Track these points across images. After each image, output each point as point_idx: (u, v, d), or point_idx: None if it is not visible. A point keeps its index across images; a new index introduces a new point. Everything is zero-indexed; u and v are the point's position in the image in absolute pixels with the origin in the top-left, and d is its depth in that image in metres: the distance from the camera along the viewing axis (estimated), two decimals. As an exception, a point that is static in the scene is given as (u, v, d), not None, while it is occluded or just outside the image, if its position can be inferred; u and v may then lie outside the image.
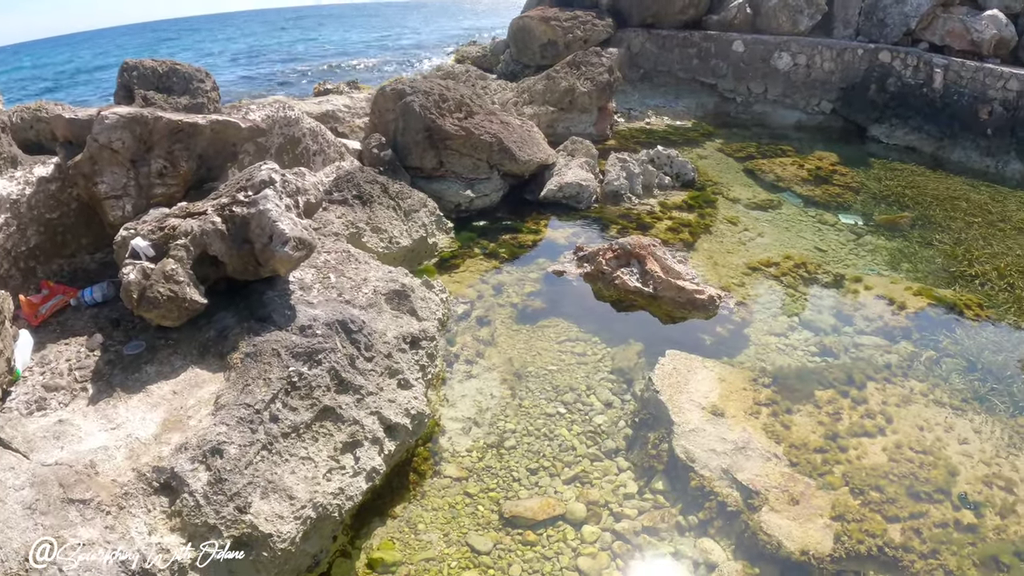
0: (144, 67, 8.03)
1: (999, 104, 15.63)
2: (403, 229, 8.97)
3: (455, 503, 5.42)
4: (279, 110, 8.61)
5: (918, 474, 5.70)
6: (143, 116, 5.95)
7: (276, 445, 4.57)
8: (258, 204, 5.45)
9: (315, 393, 4.95)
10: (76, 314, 5.73)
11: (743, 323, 8.12)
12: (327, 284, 6.35)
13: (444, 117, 10.84)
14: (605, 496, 5.54)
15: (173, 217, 5.58)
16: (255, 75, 34.06)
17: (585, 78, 15.27)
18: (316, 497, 4.50)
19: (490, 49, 25.83)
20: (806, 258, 9.91)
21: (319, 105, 13.65)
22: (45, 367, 5.08)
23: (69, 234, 6.33)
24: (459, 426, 6.30)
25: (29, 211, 5.94)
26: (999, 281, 9.43)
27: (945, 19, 17.59)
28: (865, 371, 7.15)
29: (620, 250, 8.82)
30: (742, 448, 5.80)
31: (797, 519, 5.12)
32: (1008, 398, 6.86)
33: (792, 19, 19.09)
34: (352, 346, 5.51)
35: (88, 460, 4.25)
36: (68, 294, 5.85)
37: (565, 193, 11.45)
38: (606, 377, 7.10)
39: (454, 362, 7.24)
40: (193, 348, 5.38)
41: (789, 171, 13.84)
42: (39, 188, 6.04)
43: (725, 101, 19.61)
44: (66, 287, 5.94)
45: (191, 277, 5.27)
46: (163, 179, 6.20)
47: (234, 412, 4.58)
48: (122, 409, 4.75)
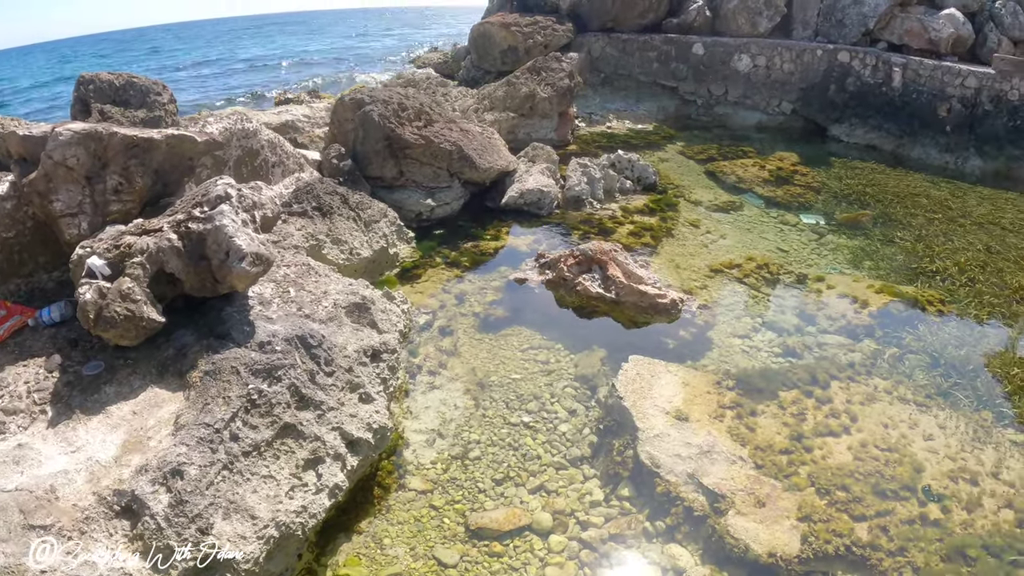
0: (101, 80, 7.92)
1: (958, 101, 15.96)
2: (364, 240, 8.91)
3: (421, 516, 5.38)
4: (237, 122, 8.51)
5: (884, 472, 5.76)
6: (98, 132, 5.85)
7: (237, 464, 4.50)
8: (214, 220, 5.37)
9: (275, 410, 4.89)
10: (34, 335, 5.61)
11: (706, 326, 8.16)
12: (286, 298, 6.28)
13: (404, 126, 10.79)
14: (571, 505, 5.53)
15: (129, 235, 5.49)
16: (214, 86, 33.64)
17: (545, 83, 15.30)
18: (279, 516, 4.44)
19: (451, 55, 25.87)
20: (768, 259, 10.01)
21: (278, 116, 13.55)
22: (3, 390, 4.97)
23: (26, 253, 6.21)
24: (423, 438, 6.25)
25: (-17, 230, 5.80)
26: (960, 276, 9.62)
27: (903, 18, 17.91)
28: (829, 370, 7.23)
29: (582, 256, 8.83)
30: (707, 452, 5.83)
31: (764, 521, 5.15)
32: (971, 392, 6.98)
33: (751, 21, 19.31)
34: (312, 361, 5.45)
35: (48, 485, 4.17)
36: (26, 314, 5.74)
37: (526, 200, 11.45)
38: (570, 384, 7.10)
39: (417, 373, 7.19)
40: (152, 367, 5.29)
41: (750, 172, 13.99)
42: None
43: (686, 104, 19.79)
44: (24, 307, 5.83)
45: (148, 295, 5.18)
46: (119, 196, 6.09)
47: (194, 432, 4.51)
48: (82, 431, 4.67)
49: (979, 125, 15.74)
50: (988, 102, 15.64)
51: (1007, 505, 5.49)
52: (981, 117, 15.73)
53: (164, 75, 33.84)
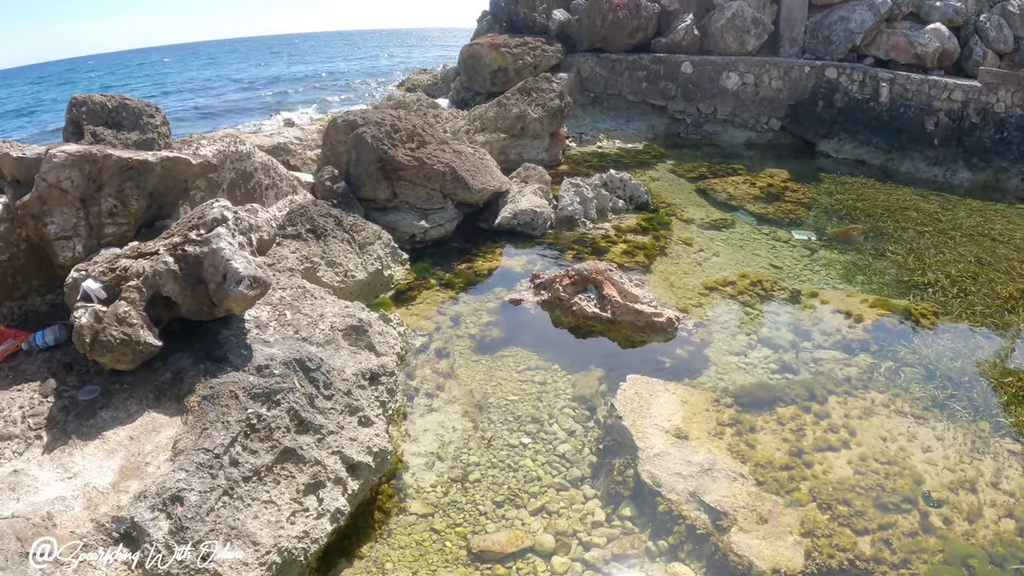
0: (93, 102, 7.91)
1: (945, 115, 16.15)
2: (358, 262, 8.89)
3: (422, 540, 5.33)
4: (230, 144, 8.51)
5: (884, 485, 5.77)
6: (92, 154, 5.84)
7: (237, 490, 4.47)
8: (211, 243, 5.36)
9: (275, 435, 4.86)
10: (28, 359, 5.58)
11: (702, 344, 8.17)
12: (283, 321, 6.26)
13: (396, 147, 10.81)
14: (573, 525, 5.50)
15: (124, 258, 5.48)
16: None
17: (536, 104, 15.38)
18: (280, 542, 4.40)
19: (440, 76, 25.99)
20: (762, 275, 10.04)
21: (270, 138, 13.55)
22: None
23: (19, 276, 6.18)
24: (422, 461, 6.21)
25: (-23, 253, 5.78)
26: (952, 288, 9.69)
27: (889, 34, 18.15)
28: (826, 385, 7.25)
29: (577, 276, 8.84)
30: (708, 470, 5.81)
31: (767, 538, 5.13)
32: (968, 403, 7.01)
33: (739, 39, 19.50)
34: (311, 385, 5.42)
35: (45, 512, 4.14)
36: (19, 338, 5.71)
37: (520, 220, 11.47)
38: (568, 405, 7.08)
39: (414, 396, 7.16)
40: (149, 391, 5.26)
41: (741, 189, 14.07)
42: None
43: (675, 122, 19.93)
44: (17, 331, 5.79)
45: (144, 319, 5.16)
46: (114, 218, 6.08)
47: (193, 457, 4.47)
48: (78, 457, 4.64)
49: (966, 138, 15.92)
50: (975, 115, 15.82)
51: (1008, 514, 5.51)
52: (968, 130, 15.91)
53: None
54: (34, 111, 40.62)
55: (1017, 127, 15.44)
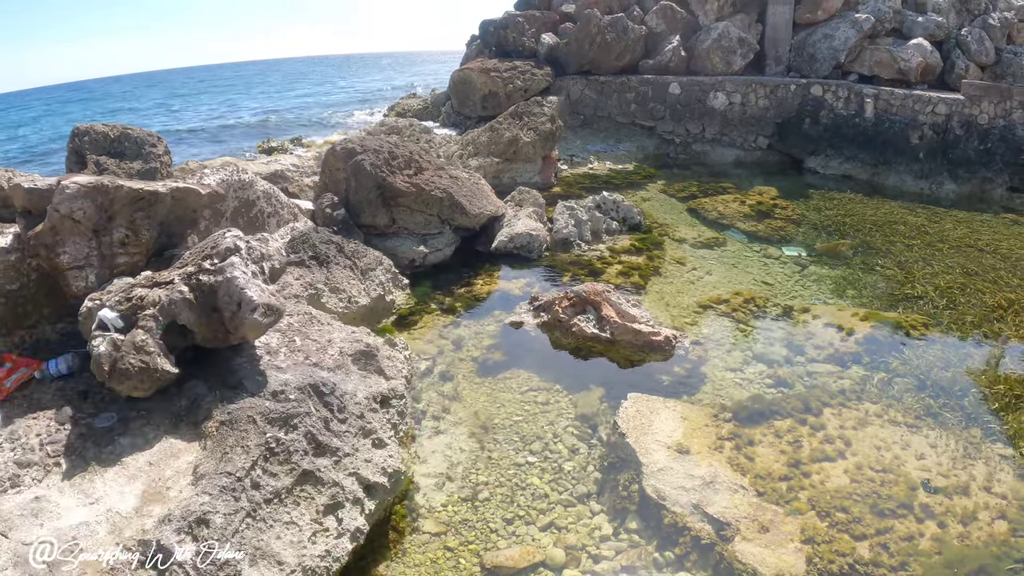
0: (95, 132, 8.05)
1: (929, 128, 16.52)
2: (361, 288, 9.06)
3: (436, 558, 5.47)
4: (233, 173, 8.69)
5: (880, 492, 5.98)
6: (104, 185, 5.95)
7: (260, 512, 4.61)
8: (225, 272, 5.51)
9: (293, 458, 5.00)
10: (42, 387, 5.64)
11: (699, 361, 8.36)
12: (293, 347, 6.41)
13: (395, 174, 11.01)
14: (582, 539, 5.66)
15: (139, 287, 5.63)
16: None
17: (528, 128, 15.63)
18: (304, 560, 4.54)
19: (430, 101, 26.23)
20: (754, 292, 10.26)
21: (267, 165, 13.73)
22: (15, 443, 4.99)
23: (30, 305, 6.25)
24: (432, 482, 6.36)
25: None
26: (941, 299, 9.94)
27: (872, 50, 18.55)
28: (820, 398, 7.45)
29: (575, 298, 9.03)
30: (710, 483, 5.99)
31: (769, 546, 5.31)
32: (959, 411, 7.24)
33: (726, 59, 19.85)
34: (325, 409, 5.57)
35: (71, 536, 4.22)
36: (32, 367, 5.77)
37: (516, 244, 11.67)
38: (571, 424, 7.25)
39: (421, 418, 7.30)
40: (166, 418, 5.37)
41: (731, 208, 14.32)
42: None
43: (665, 143, 20.23)
44: (29, 360, 5.86)
45: (161, 347, 5.29)
46: (126, 248, 6.21)
47: (216, 481, 4.61)
48: (99, 483, 4.73)
49: (951, 150, 16.28)
50: (959, 127, 16.18)
51: (1001, 516, 5.73)
52: (953, 142, 16.28)
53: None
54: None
55: (1000, 138, 15.80)
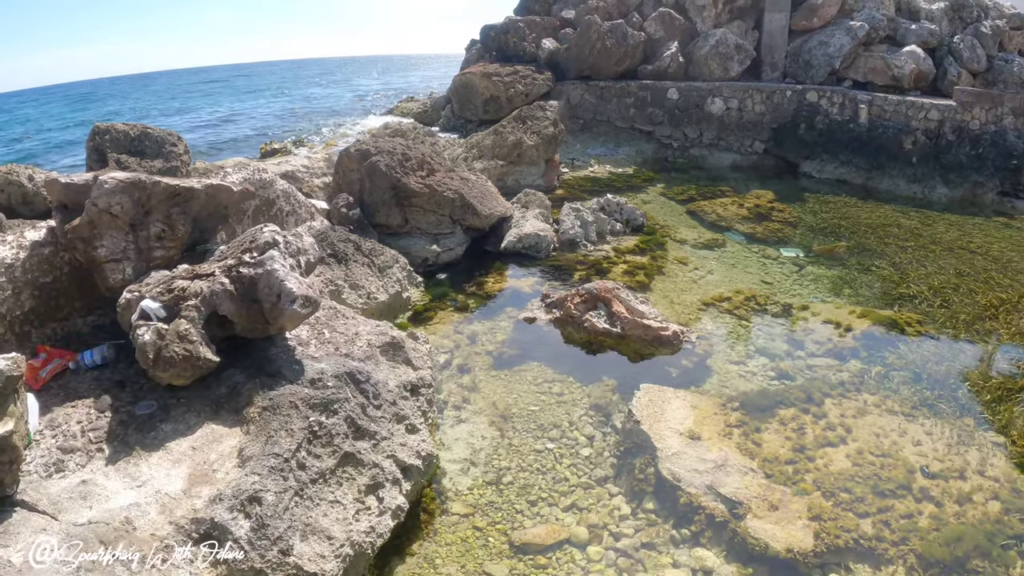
0: (116, 131, 8.21)
1: (922, 133, 16.92)
2: (379, 285, 9.35)
3: (466, 537, 5.76)
4: (255, 172, 8.96)
5: (880, 474, 6.35)
6: (141, 181, 6.16)
7: (307, 491, 4.89)
8: (265, 264, 5.78)
9: (335, 440, 5.29)
10: (76, 377, 5.80)
11: (705, 355, 8.69)
12: (322, 339, 6.70)
13: (408, 175, 11.31)
14: (603, 519, 5.97)
15: (180, 279, 5.86)
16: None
17: (532, 131, 15.95)
18: (352, 536, 4.83)
19: (429, 105, 26.49)
20: (755, 291, 10.61)
21: (279, 166, 13.94)
22: (56, 430, 5.13)
23: (62, 298, 6.40)
24: (458, 467, 6.66)
25: (23, 275, 6.02)
26: (935, 299, 10.30)
27: (867, 57, 18.94)
28: (821, 389, 7.81)
29: (587, 295, 9.35)
30: (721, 466, 6.33)
31: (779, 522, 5.66)
32: (954, 402, 7.62)
33: (723, 65, 20.21)
34: (362, 395, 5.87)
35: (123, 517, 4.38)
36: (66, 357, 5.92)
37: (525, 244, 11.99)
38: (586, 413, 7.55)
39: (443, 408, 7.59)
40: (206, 405, 5.59)
41: (730, 211, 14.67)
42: (32, 252, 6.13)
43: (663, 147, 20.56)
44: (63, 351, 6.01)
45: (203, 336, 5.52)
46: (162, 242, 6.42)
47: (264, 462, 4.88)
48: (144, 467, 4.90)
49: (944, 155, 16.68)
50: (951, 132, 16.57)
51: (994, 497, 6.09)
52: (945, 147, 16.67)
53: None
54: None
55: (992, 143, 16.19)
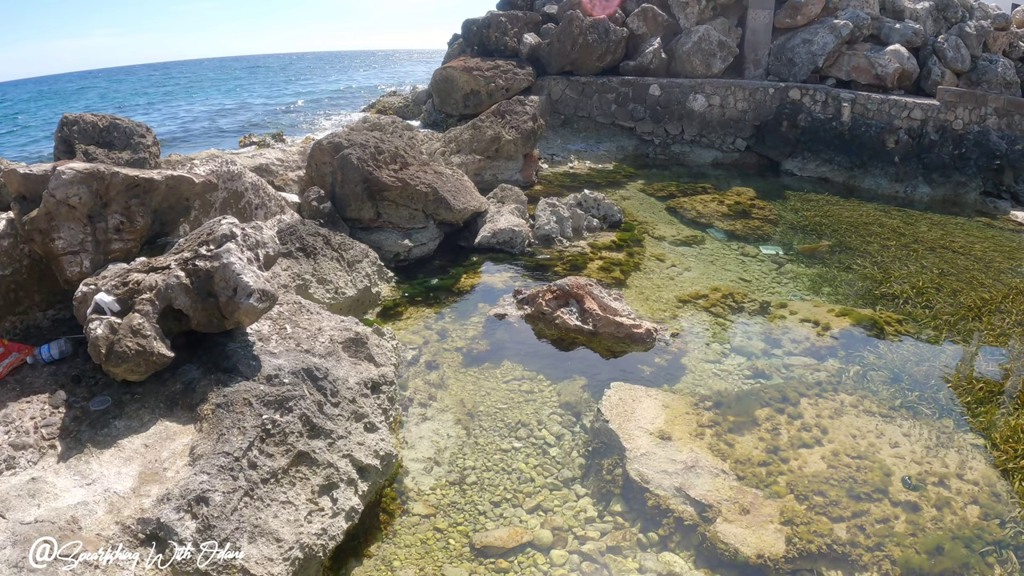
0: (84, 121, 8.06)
1: (905, 132, 16.91)
2: (347, 280, 9.17)
3: (426, 539, 5.60)
4: (223, 165, 8.77)
5: (856, 477, 6.20)
6: (100, 172, 5.98)
7: (257, 491, 4.71)
8: (221, 257, 5.60)
9: (289, 439, 5.11)
10: (34, 371, 5.66)
11: (679, 353, 8.55)
12: (284, 335, 6.51)
13: (381, 169, 11.12)
14: (568, 521, 5.81)
15: (135, 272, 5.68)
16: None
17: (510, 126, 15.77)
18: (302, 538, 4.65)
19: (411, 99, 26.31)
20: (732, 289, 10.49)
21: (252, 159, 13.78)
22: (9, 425, 5.01)
23: (21, 291, 6.27)
24: (421, 466, 6.49)
25: (-18, 267, 5.83)
26: (917, 298, 10.21)
27: (850, 56, 18.91)
28: (797, 389, 7.68)
29: (559, 291, 9.19)
30: (691, 467, 6.18)
31: (750, 527, 5.50)
32: (933, 404, 7.50)
33: (705, 62, 20.12)
34: (319, 393, 5.69)
35: (69, 516, 4.27)
36: (24, 351, 5.78)
37: (499, 239, 11.83)
38: (555, 412, 7.40)
39: (408, 406, 7.42)
40: (160, 401, 5.44)
41: (710, 207, 14.57)
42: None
43: (644, 143, 20.48)
44: (21, 345, 5.87)
45: (157, 331, 5.35)
46: (120, 234, 6.23)
47: (214, 461, 4.71)
48: (95, 464, 4.77)
49: (926, 154, 16.67)
50: (934, 132, 16.56)
51: (973, 501, 5.95)
52: (928, 147, 16.66)
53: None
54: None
55: (975, 143, 16.19)
